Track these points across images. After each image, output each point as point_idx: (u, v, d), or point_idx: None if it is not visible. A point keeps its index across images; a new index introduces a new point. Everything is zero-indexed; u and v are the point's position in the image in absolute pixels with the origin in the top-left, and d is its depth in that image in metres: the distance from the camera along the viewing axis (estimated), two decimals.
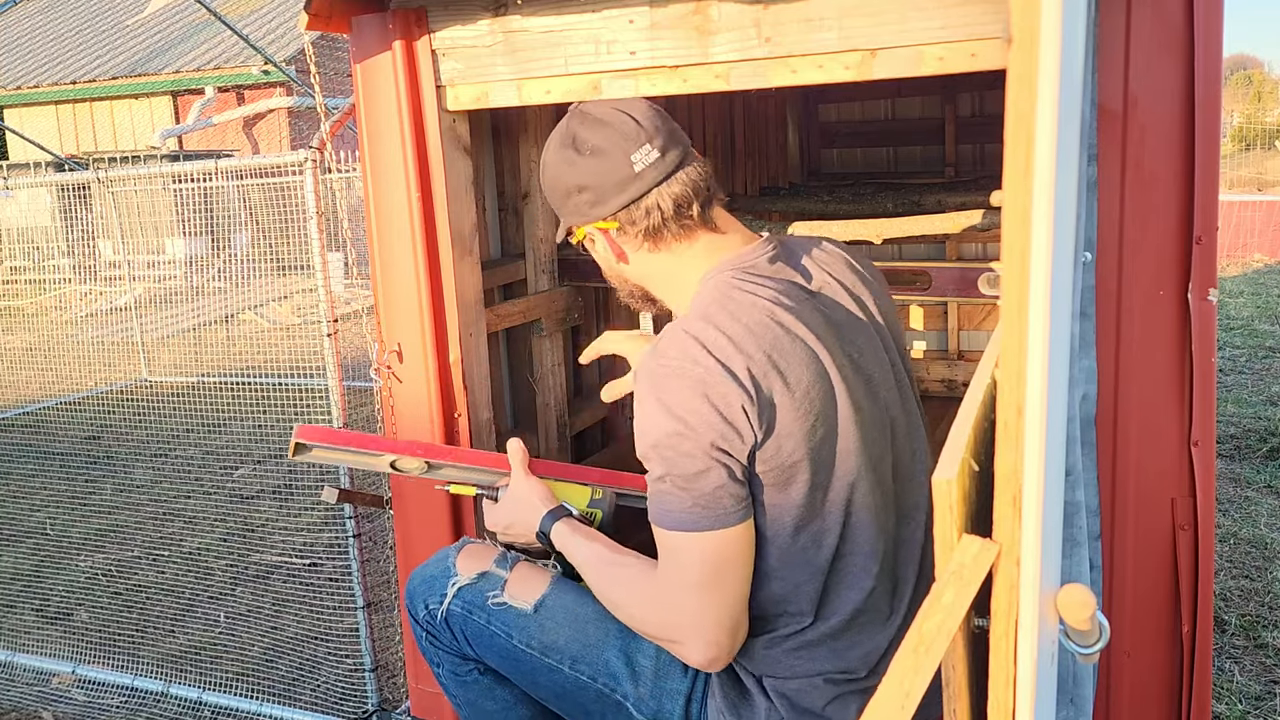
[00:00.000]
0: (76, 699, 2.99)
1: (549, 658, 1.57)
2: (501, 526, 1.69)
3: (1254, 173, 17.93)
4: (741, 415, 1.30)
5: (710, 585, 1.33)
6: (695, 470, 1.30)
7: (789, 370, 1.34)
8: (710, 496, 1.31)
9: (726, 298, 1.40)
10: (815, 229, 2.95)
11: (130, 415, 6.01)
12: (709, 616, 1.34)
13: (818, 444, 1.35)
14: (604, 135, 1.47)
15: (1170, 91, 1.66)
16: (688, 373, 1.31)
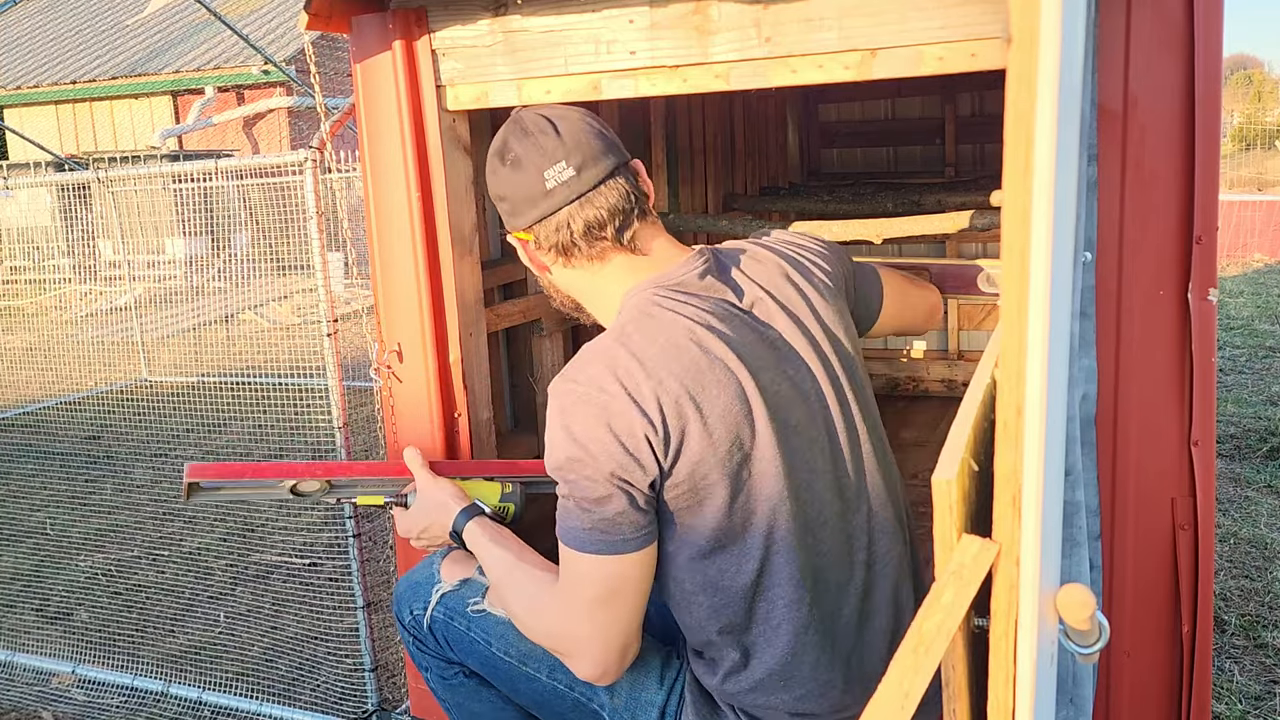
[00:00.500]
0: (76, 699, 2.99)
1: (527, 666, 1.58)
2: (416, 532, 1.69)
3: (1254, 173, 17.93)
4: (645, 446, 1.30)
5: (604, 607, 1.35)
6: (596, 495, 1.31)
7: (704, 394, 1.32)
8: (610, 522, 1.32)
9: (646, 316, 1.39)
10: (815, 229, 2.95)
11: (130, 415, 6.01)
12: (599, 637, 1.36)
13: (735, 468, 1.34)
14: (525, 147, 1.46)
15: (1170, 91, 1.66)
16: (593, 400, 1.32)
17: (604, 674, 1.39)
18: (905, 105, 4.89)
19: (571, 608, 1.37)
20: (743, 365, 1.37)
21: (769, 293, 1.48)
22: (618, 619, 1.36)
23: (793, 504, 1.38)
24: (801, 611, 1.39)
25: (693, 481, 1.33)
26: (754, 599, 1.39)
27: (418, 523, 1.69)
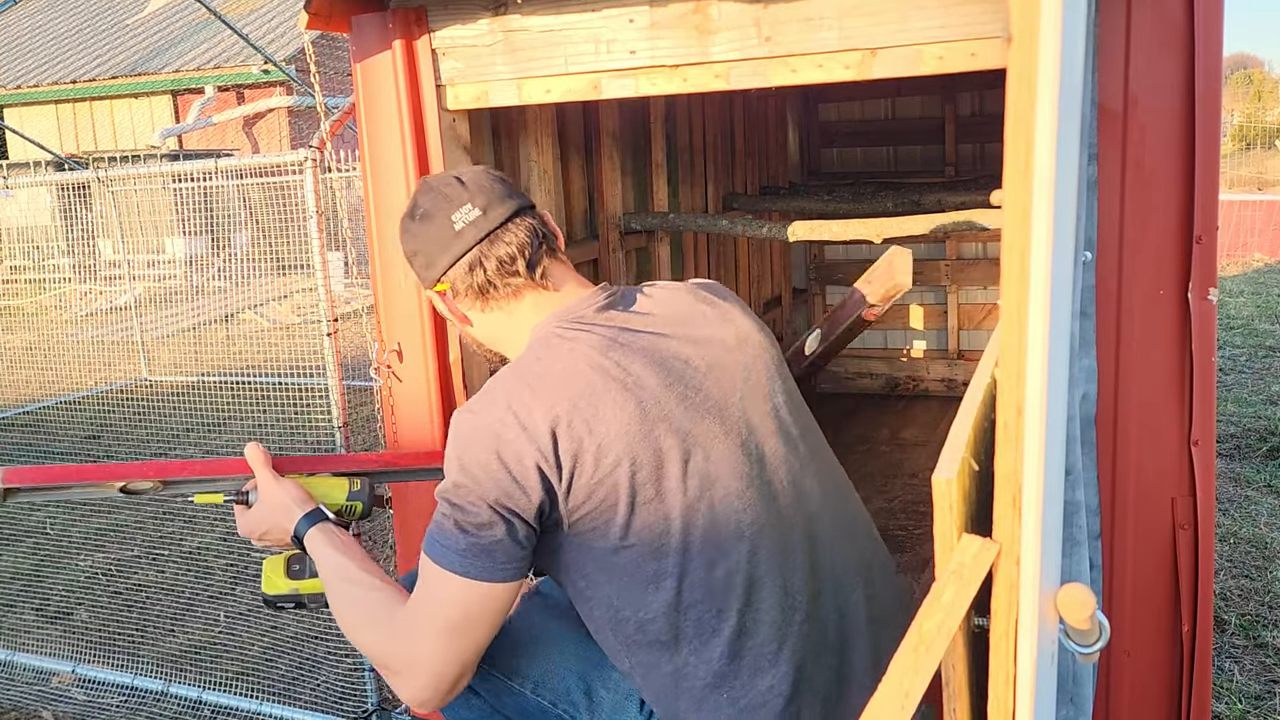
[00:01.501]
0: (76, 698, 2.99)
1: (512, 680, 1.57)
2: (257, 533, 1.65)
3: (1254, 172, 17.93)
4: (533, 473, 1.31)
5: (458, 633, 1.34)
6: (479, 521, 1.32)
7: (599, 416, 1.34)
8: (488, 547, 1.32)
9: (545, 347, 1.42)
10: (815, 229, 2.95)
11: (130, 415, 6.01)
12: (440, 662, 1.34)
13: (638, 486, 1.34)
14: (431, 200, 1.50)
15: (1170, 91, 1.66)
16: (486, 429, 1.34)
17: (429, 700, 1.37)
18: (905, 105, 4.89)
19: (422, 627, 1.35)
20: (641, 386, 1.37)
21: (672, 317, 1.49)
22: (465, 649, 1.35)
23: (709, 515, 1.37)
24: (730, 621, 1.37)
25: (594, 503, 1.34)
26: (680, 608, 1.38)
27: (258, 524, 1.64)
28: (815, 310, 5.07)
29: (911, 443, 4.20)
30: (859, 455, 4.03)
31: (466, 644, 1.35)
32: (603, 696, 1.52)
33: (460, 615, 1.33)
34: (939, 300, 4.86)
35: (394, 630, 1.38)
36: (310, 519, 1.58)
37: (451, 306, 1.53)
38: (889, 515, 3.41)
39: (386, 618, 1.40)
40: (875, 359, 5.00)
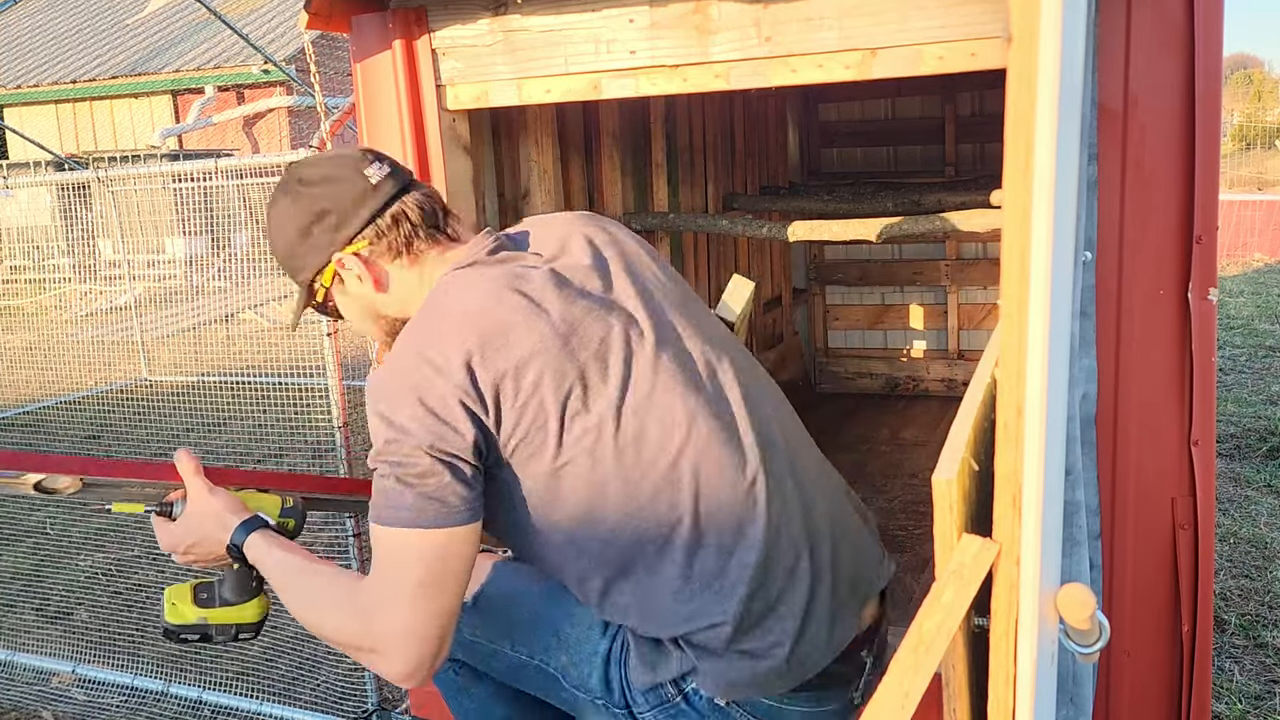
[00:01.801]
0: (77, 698, 2.99)
1: (495, 644, 1.58)
2: (183, 547, 1.54)
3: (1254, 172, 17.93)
4: (459, 411, 1.29)
5: (430, 590, 1.30)
6: (419, 470, 1.29)
7: (510, 342, 1.33)
8: (436, 494, 1.29)
9: (443, 293, 1.40)
10: (815, 229, 2.94)
11: (130, 415, 6.01)
12: (419, 626, 1.30)
13: (563, 397, 1.34)
14: (330, 165, 1.46)
15: (1170, 90, 1.66)
16: (402, 382, 1.32)
17: (417, 669, 1.32)
18: (905, 105, 4.89)
19: (391, 595, 1.30)
20: (546, 306, 1.37)
21: (561, 241, 1.50)
22: (439, 607, 1.30)
23: (639, 415, 1.37)
24: (685, 509, 1.37)
25: (526, 426, 1.33)
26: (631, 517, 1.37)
27: (186, 536, 1.53)
28: (815, 310, 5.07)
29: (911, 443, 4.20)
30: (859, 455, 4.03)
31: (439, 601, 1.30)
32: (569, 633, 1.52)
33: (426, 571, 1.29)
34: (939, 300, 4.86)
35: (362, 609, 1.33)
36: (250, 525, 1.51)
37: (370, 265, 1.46)
38: (889, 515, 3.41)
39: (351, 600, 1.35)
40: (875, 359, 5.00)
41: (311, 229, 1.46)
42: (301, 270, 1.50)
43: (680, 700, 1.44)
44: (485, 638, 1.59)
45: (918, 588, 2.81)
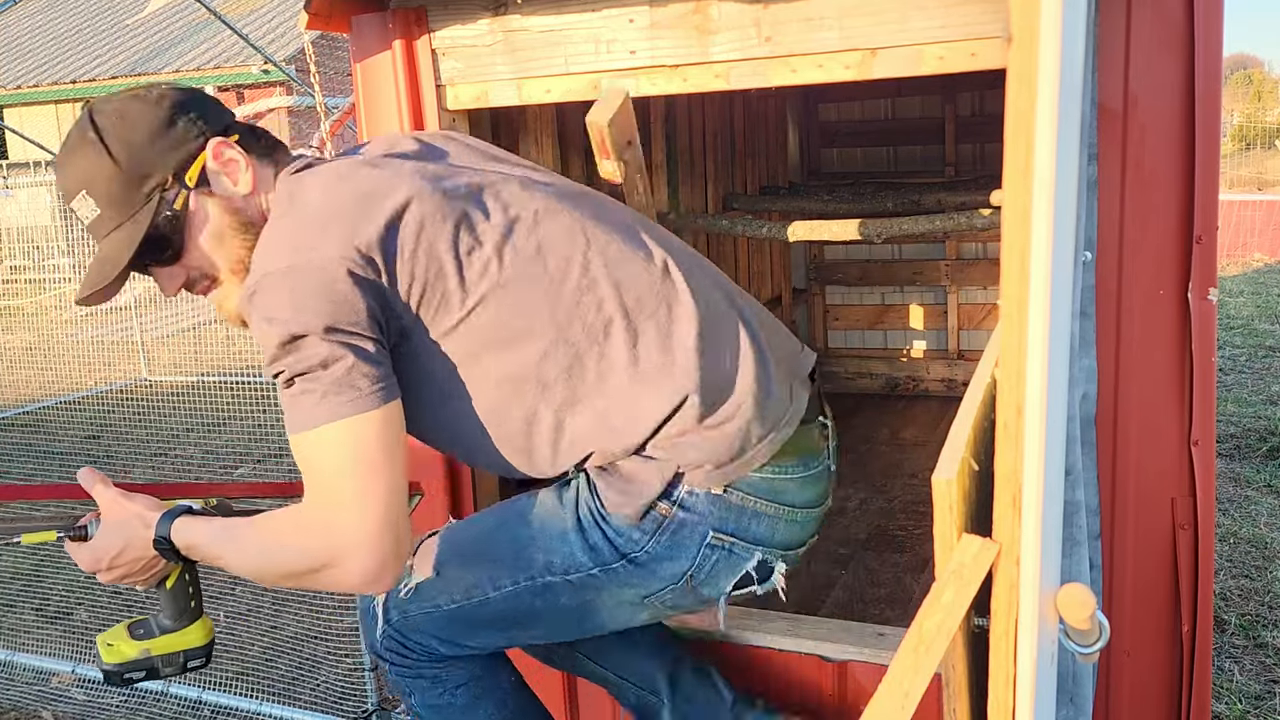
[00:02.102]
0: (76, 698, 2.99)
1: (474, 597, 1.52)
2: (106, 560, 1.41)
3: (1254, 172, 17.93)
4: (348, 282, 1.23)
5: (365, 480, 1.23)
6: (321, 359, 1.22)
7: (381, 204, 1.28)
8: (346, 379, 1.22)
9: (290, 195, 1.34)
10: (815, 229, 2.94)
11: (130, 415, 6.01)
12: (369, 516, 1.23)
13: (452, 238, 1.31)
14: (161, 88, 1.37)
15: (1170, 90, 1.66)
16: (282, 280, 1.24)
17: (380, 569, 1.25)
18: (905, 105, 4.89)
19: (332, 498, 1.24)
20: (407, 164, 1.35)
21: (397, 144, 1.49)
22: (383, 496, 1.24)
23: (530, 235, 1.36)
24: (613, 308, 1.37)
25: (423, 277, 1.29)
26: (562, 330, 1.36)
27: (109, 547, 1.41)
28: (815, 310, 5.07)
29: (911, 443, 4.19)
30: (859, 455, 4.03)
31: (381, 490, 1.24)
32: (529, 531, 1.49)
33: (357, 463, 1.23)
34: (939, 300, 4.86)
35: (307, 526, 1.27)
36: (173, 513, 1.40)
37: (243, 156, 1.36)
38: (889, 515, 3.41)
39: (294, 525, 1.30)
40: (875, 359, 5.00)
41: (176, 120, 1.34)
42: (151, 175, 1.32)
43: (677, 511, 1.43)
44: (464, 598, 1.52)
45: (918, 588, 2.81)
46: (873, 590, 2.84)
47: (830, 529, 3.30)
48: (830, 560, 3.05)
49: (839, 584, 2.88)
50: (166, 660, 1.49)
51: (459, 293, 1.31)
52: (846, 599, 2.79)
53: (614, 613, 1.52)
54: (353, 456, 1.23)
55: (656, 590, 1.48)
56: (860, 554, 3.08)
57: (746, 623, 2.07)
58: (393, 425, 1.26)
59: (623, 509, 1.43)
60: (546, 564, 1.48)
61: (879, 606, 2.73)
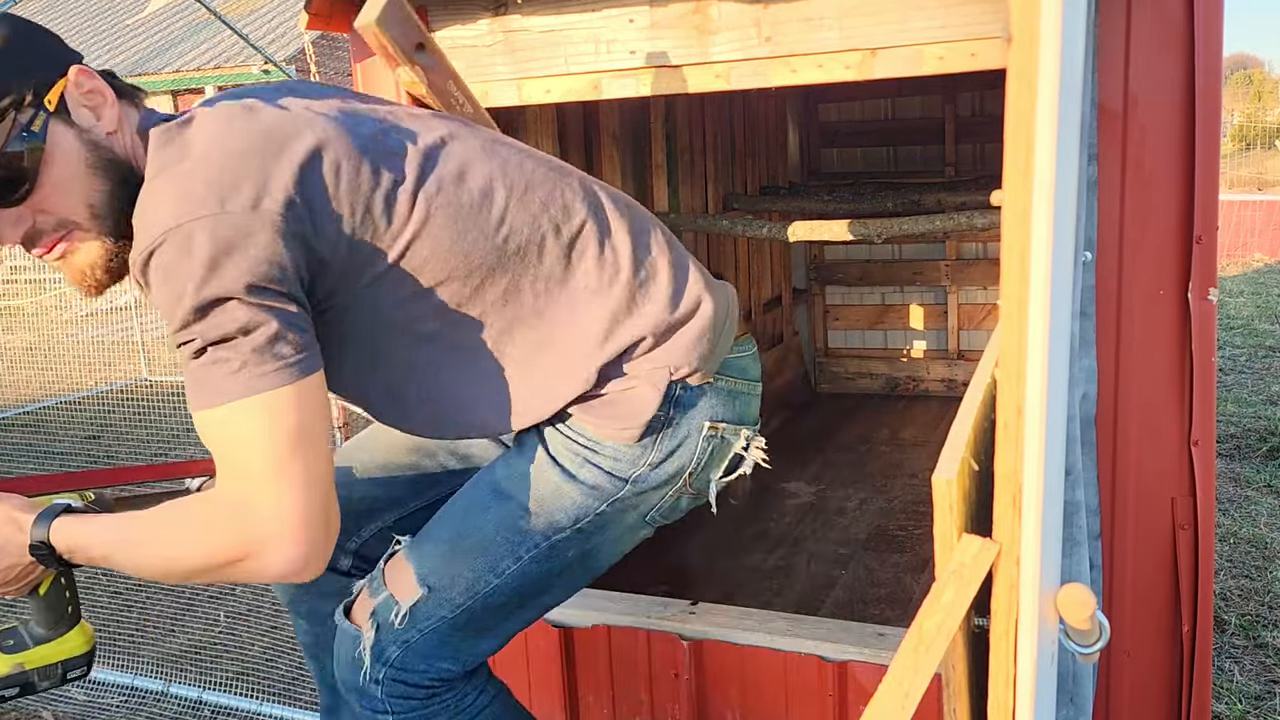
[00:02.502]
0: (76, 698, 2.99)
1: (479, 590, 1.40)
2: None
3: (1254, 172, 17.94)
4: (268, 234, 1.10)
5: (287, 458, 1.10)
6: (239, 325, 1.09)
7: (289, 145, 1.16)
8: (264, 349, 1.09)
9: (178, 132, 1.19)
10: (815, 229, 2.94)
11: (130, 415, 6.01)
12: (295, 500, 1.10)
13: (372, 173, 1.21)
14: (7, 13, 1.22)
15: (1170, 91, 1.66)
16: (184, 239, 1.09)
17: (309, 555, 1.12)
18: (905, 105, 4.89)
19: (251, 483, 1.10)
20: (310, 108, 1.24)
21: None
22: (309, 474, 1.11)
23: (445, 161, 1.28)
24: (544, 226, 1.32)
25: (349, 221, 1.18)
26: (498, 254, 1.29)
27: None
28: (815, 310, 5.07)
29: (911, 443, 4.20)
30: (859, 455, 4.03)
31: (307, 468, 1.11)
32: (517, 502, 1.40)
33: (281, 439, 1.10)
34: (939, 300, 4.86)
35: (223, 515, 1.12)
36: (50, 512, 1.25)
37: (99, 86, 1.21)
38: (889, 515, 3.41)
39: (206, 514, 1.15)
40: (875, 359, 5.00)
41: (35, 38, 1.20)
42: (5, 92, 1.14)
43: (675, 413, 1.38)
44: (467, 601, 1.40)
45: (918, 588, 2.81)
46: (873, 590, 2.84)
47: (830, 529, 3.30)
48: (830, 560, 3.05)
49: (839, 584, 2.88)
50: (43, 673, 1.33)
51: (389, 234, 1.21)
52: (846, 599, 2.79)
53: (616, 545, 1.47)
54: (273, 433, 1.10)
55: (656, 503, 1.44)
56: (860, 554, 3.08)
57: (746, 623, 2.07)
58: (317, 397, 1.14)
59: (623, 433, 1.36)
60: (549, 525, 1.39)
61: (879, 606, 2.73)
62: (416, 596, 1.40)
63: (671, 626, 2.09)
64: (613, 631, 2.14)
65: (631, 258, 1.37)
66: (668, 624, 2.10)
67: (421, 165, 1.26)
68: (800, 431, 4.37)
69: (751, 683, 2.02)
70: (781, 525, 3.34)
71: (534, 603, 1.48)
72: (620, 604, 2.21)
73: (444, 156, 1.29)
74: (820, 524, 3.34)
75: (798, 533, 3.27)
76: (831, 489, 3.66)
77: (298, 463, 1.11)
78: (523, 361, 1.35)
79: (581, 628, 2.18)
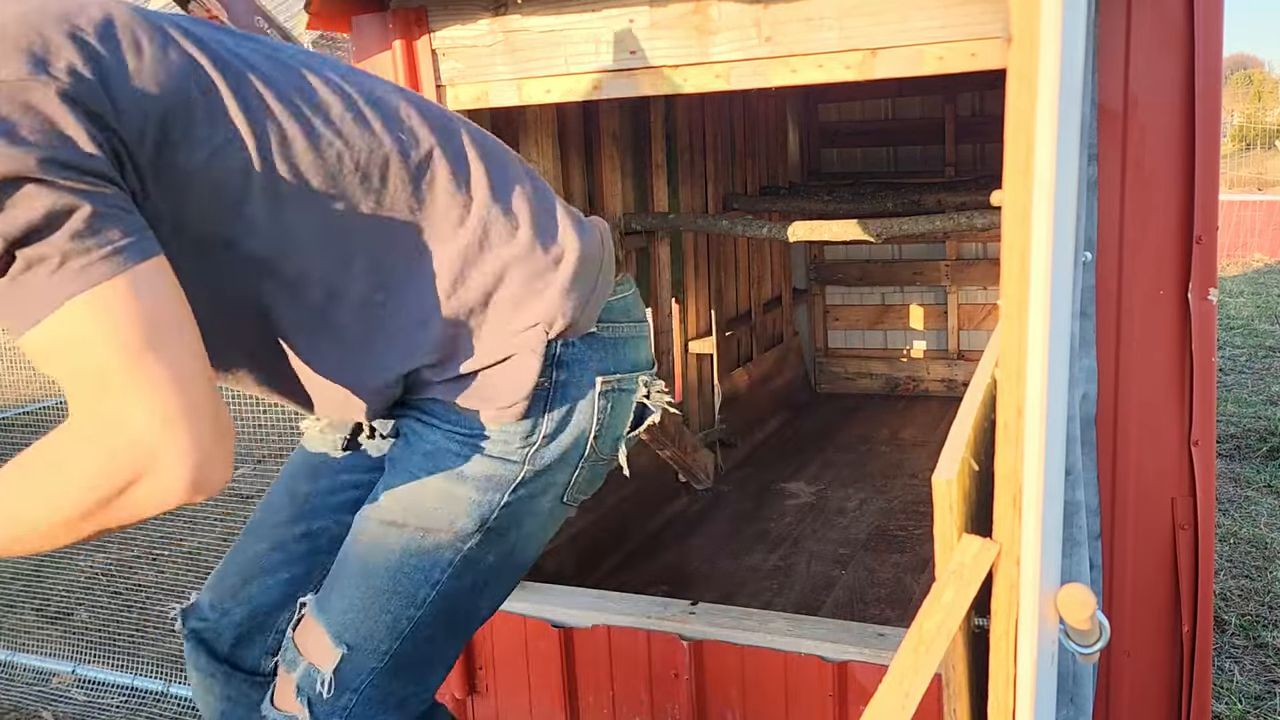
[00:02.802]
0: (76, 698, 2.99)
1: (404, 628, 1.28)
2: None
3: (1254, 172, 17.95)
4: (56, 107, 0.93)
5: (147, 357, 0.93)
6: (42, 212, 0.91)
7: (81, 13, 0.99)
8: (85, 235, 0.92)
9: None
10: (815, 229, 2.95)
11: None
12: (167, 403, 0.93)
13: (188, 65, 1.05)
14: None
15: (1170, 91, 1.67)
16: None
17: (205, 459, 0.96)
18: (905, 105, 4.89)
19: (109, 395, 0.93)
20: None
21: None
22: (180, 369, 0.95)
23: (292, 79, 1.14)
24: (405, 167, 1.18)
25: (163, 101, 1.02)
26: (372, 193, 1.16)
27: None
28: (815, 310, 5.07)
29: (911, 443, 4.20)
30: (859, 455, 4.03)
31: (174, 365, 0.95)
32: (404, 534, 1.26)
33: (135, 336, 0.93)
34: (939, 300, 4.86)
35: (92, 441, 0.95)
36: None
37: None
38: (889, 515, 3.41)
39: (74, 445, 0.97)
40: (875, 359, 5.00)
41: None
42: None
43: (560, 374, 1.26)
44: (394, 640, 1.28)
45: (918, 588, 2.82)
46: (873, 590, 2.84)
47: (830, 529, 3.30)
48: (830, 560, 3.05)
49: (839, 584, 2.88)
50: None
51: (204, 133, 1.04)
52: (846, 599, 2.79)
53: (538, 534, 1.35)
54: (122, 331, 0.93)
55: (568, 480, 1.31)
56: (860, 554, 3.08)
57: (746, 623, 2.07)
58: (165, 283, 0.97)
59: (507, 412, 1.23)
60: (454, 536, 1.26)
61: (879, 606, 2.73)
62: (337, 658, 1.27)
63: (671, 627, 2.09)
64: (613, 632, 2.14)
65: (489, 190, 1.23)
66: (668, 624, 2.10)
67: (262, 72, 1.11)
68: (800, 431, 4.37)
69: (751, 683, 2.02)
70: (781, 525, 3.34)
71: (467, 620, 1.36)
72: (620, 604, 2.21)
73: (270, 55, 1.14)
74: (820, 524, 3.34)
75: (798, 533, 3.27)
76: (831, 489, 3.66)
77: (160, 360, 0.94)
78: (367, 304, 1.18)
79: (581, 628, 2.18)
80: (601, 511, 3.05)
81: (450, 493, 1.25)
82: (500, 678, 2.31)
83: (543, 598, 2.26)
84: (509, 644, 2.27)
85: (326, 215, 1.14)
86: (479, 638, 2.29)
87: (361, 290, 1.19)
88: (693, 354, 3.79)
